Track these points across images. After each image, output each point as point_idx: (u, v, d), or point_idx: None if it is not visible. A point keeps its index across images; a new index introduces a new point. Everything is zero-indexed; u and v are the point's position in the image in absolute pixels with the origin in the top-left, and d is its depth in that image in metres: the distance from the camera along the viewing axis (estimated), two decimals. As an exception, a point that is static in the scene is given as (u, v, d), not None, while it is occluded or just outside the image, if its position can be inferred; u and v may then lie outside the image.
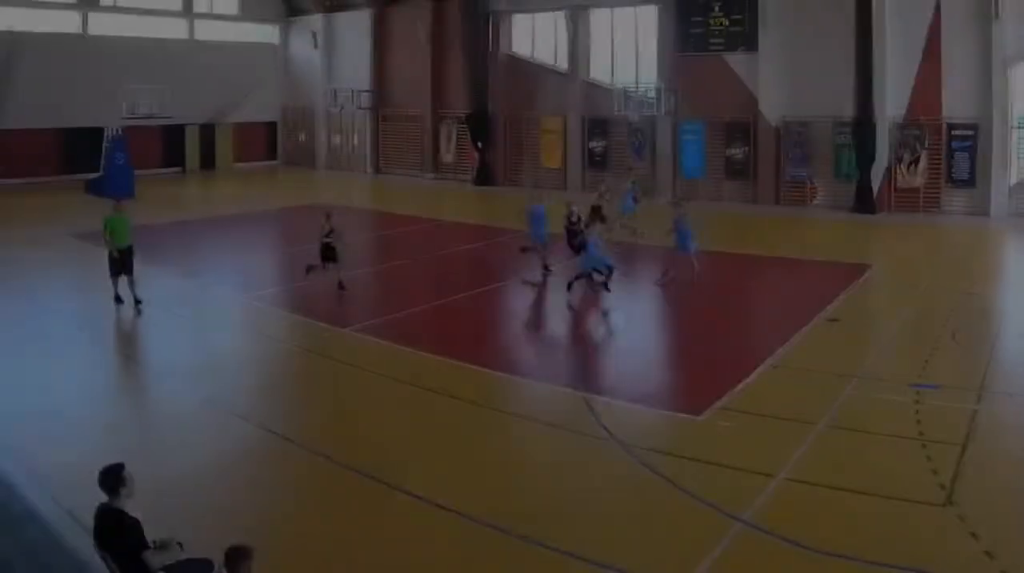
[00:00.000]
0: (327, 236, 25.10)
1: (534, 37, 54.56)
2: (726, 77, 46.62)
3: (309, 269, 25.31)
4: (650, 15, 49.34)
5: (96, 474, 9.26)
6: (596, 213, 29.62)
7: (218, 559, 8.32)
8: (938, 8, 40.89)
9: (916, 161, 41.79)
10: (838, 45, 42.38)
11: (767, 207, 44.62)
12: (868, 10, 41.47)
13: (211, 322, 23.30)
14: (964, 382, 16.87)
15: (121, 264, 23.52)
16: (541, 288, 26.41)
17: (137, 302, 23.42)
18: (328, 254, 25.10)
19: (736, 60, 46.42)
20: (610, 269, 24.28)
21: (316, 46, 63.59)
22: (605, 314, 23.25)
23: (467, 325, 22.92)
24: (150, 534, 8.99)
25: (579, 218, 28.09)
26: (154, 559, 8.78)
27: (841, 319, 21.78)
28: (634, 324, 23.08)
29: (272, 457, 14.21)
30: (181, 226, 37.43)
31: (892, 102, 42.04)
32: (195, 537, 9.70)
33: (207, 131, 62.02)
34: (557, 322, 23.47)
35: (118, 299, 23.51)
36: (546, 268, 27.69)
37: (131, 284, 23.57)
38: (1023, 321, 22.56)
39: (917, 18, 41.29)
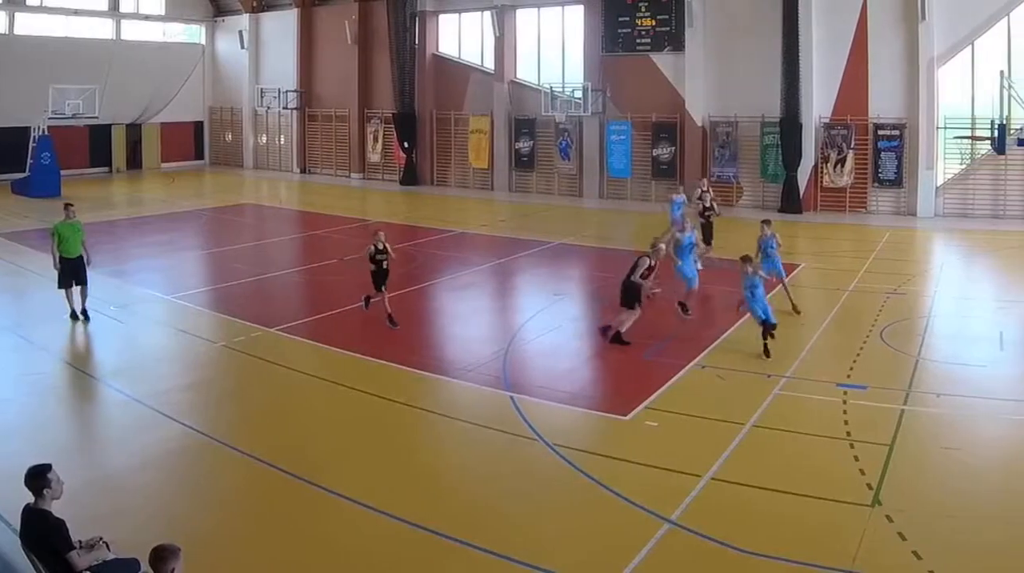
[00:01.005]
0: (379, 255, 20.54)
1: (460, 37, 52.27)
2: (653, 77, 44.49)
3: (367, 301, 21.12)
4: (576, 15, 46.98)
5: (23, 475, 8.95)
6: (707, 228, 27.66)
7: (145, 559, 7.80)
8: (864, 8, 39.01)
9: (843, 161, 39.75)
10: (765, 45, 40.39)
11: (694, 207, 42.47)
12: (795, 10, 39.53)
13: (138, 322, 21.87)
14: (892, 383, 16.33)
15: (73, 274, 21.00)
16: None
17: (85, 316, 21.03)
18: (380, 278, 20.66)
19: (663, 60, 44.27)
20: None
21: (243, 46, 60.52)
22: (533, 315, 22.05)
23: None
24: (78, 534, 8.72)
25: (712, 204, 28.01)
26: (80, 560, 8.52)
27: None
28: (563, 324, 21.62)
29: (199, 457, 13.60)
30: (108, 226, 35.24)
31: (819, 102, 40.09)
32: (122, 537, 9.50)
33: (134, 131, 59.53)
34: (485, 322, 22.14)
35: (74, 316, 21.04)
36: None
37: (83, 296, 21.19)
38: (950, 321, 21.70)
39: (844, 18, 39.41)
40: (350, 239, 33.25)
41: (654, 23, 44.40)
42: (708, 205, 27.61)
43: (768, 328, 18.10)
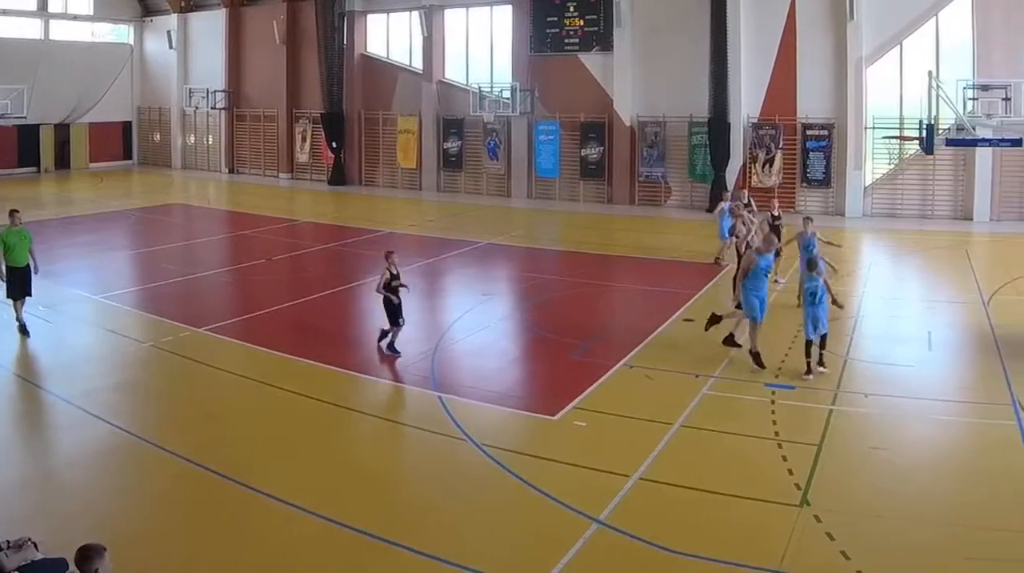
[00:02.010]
0: (394, 281, 17.48)
1: (389, 37, 49.48)
2: (581, 77, 42.02)
3: (383, 335, 17.76)
4: (505, 15, 44.37)
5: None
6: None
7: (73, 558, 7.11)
8: (793, 8, 36.97)
9: (771, 161, 37.61)
10: (693, 45, 38.32)
11: (622, 207, 40.61)
12: (723, 9, 37.45)
13: (66, 322, 20.68)
14: (820, 383, 15.70)
15: (21, 285, 19.08)
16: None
17: (23, 328, 18.98)
18: (399, 309, 17.48)
19: (591, 60, 41.83)
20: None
21: (171, 46, 56.97)
22: (462, 315, 20.92)
23: (323, 325, 20.87)
24: (5, 534, 8.01)
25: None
26: (7, 560, 7.79)
27: (696, 319, 19.54)
28: (491, 324, 20.61)
29: (127, 456, 13.00)
30: (37, 226, 32.15)
31: (747, 101, 38.00)
32: (51, 537, 8.69)
33: (62, 131, 55.86)
34: (414, 322, 20.08)
35: (23, 330, 18.95)
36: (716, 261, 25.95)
37: (22, 305, 19.23)
38: (878, 321, 20.70)
39: (772, 18, 37.40)
40: (278, 239, 32.12)
41: (582, 23, 41.97)
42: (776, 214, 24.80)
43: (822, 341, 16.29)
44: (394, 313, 17.39)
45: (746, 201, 25.97)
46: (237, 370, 16.94)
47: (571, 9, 42.16)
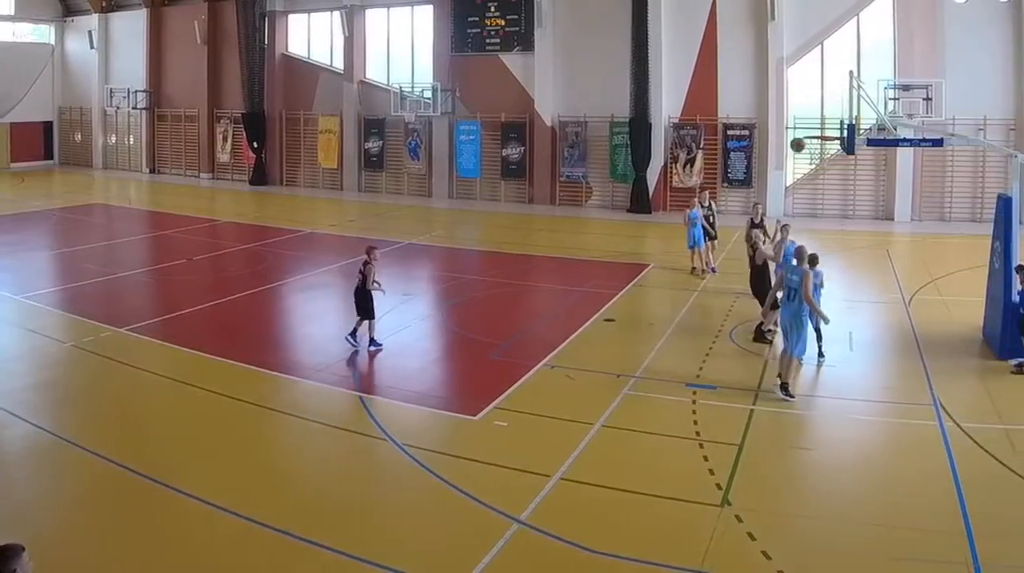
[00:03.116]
0: (370, 282, 16.75)
1: (310, 37, 45.69)
2: (502, 77, 38.81)
3: (354, 333, 16.93)
4: (426, 15, 40.94)
5: None
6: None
7: None
8: (714, 8, 34.27)
9: (692, 161, 34.82)
10: (615, 45, 35.50)
11: (543, 207, 37.60)
12: (644, 10, 34.64)
13: None
14: (741, 382, 14.85)
15: None
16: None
17: None
18: (367, 305, 16.71)
19: (512, 60, 38.63)
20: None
21: (92, 46, 52.33)
22: (383, 315, 18.54)
23: (244, 325, 19.38)
24: None
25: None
26: None
27: (617, 319, 19.15)
28: (412, 323, 19.29)
29: (47, 456, 12.13)
30: None
31: (668, 102, 35.19)
32: None
33: (-18, 131, 51.05)
34: (335, 322, 19.10)
35: None
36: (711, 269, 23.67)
37: None
38: None
39: (693, 18, 34.71)
40: (199, 239, 29.99)
41: (504, 23, 38.74)
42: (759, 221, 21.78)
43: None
44: (362, 308, 16.75)
45: (707, 204, 24.35)
46: (158, 370, 15.80)
47: (492, 9, 38.96)
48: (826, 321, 14.78)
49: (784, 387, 13.95)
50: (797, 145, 27.19)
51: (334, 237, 30.77)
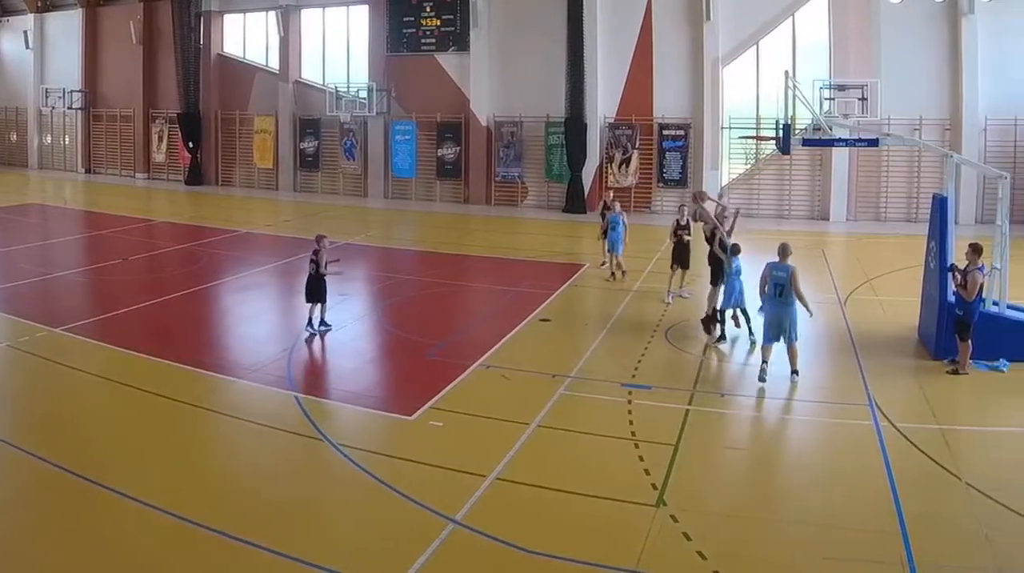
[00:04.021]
0: (323, 267, 16.33)
1: (245, 37, 42.32)
2: (438, 77, 35.97)
3: (310, 321, 16.55)
4: (362, 15, 37.94)
5: None
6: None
7: None
8: (649, 9, 31.85)
9: (627, 161, 32.39)
10: (550, 45, 32.92)
11: (479, 207, 34.91)
12: (580, 10, 32.11)
13: None
14: (676, 382, 13.86)
15: None
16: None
17: None
18: (320, 290, 16.38)
19: (448, 60, 35.84)
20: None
21: (28, 46, 48.34)
22: (320, 314, 17.37)
23: (180, 325, 18.10)
24: None
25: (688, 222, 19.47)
26: None
27: (553, 319, 17.96)
28: (347, 323, 17.81)
29: None
30: None
31: (603, 102, 32.69)
32: None
33: (-84, 131, 46.45)
34: (270, 322, 18.57)
35: None
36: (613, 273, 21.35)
37: None
38: (727, 323, 17.08)
39: (629, 19, 32.24)
40: (135, 239, 27.80)
41: (439, 23, 35.97)
42: (684, 223, 19.44)
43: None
44: (322, 291, 16.24)
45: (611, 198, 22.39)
46: (94, 370, 14.74)
47: (428, 9, 36.15)
48: (810, 314, 14.06)
49: (796, 372, 13.62)
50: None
51: (269, 237, 28.52)
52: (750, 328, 15.86)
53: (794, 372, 13.60)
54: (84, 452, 11.29)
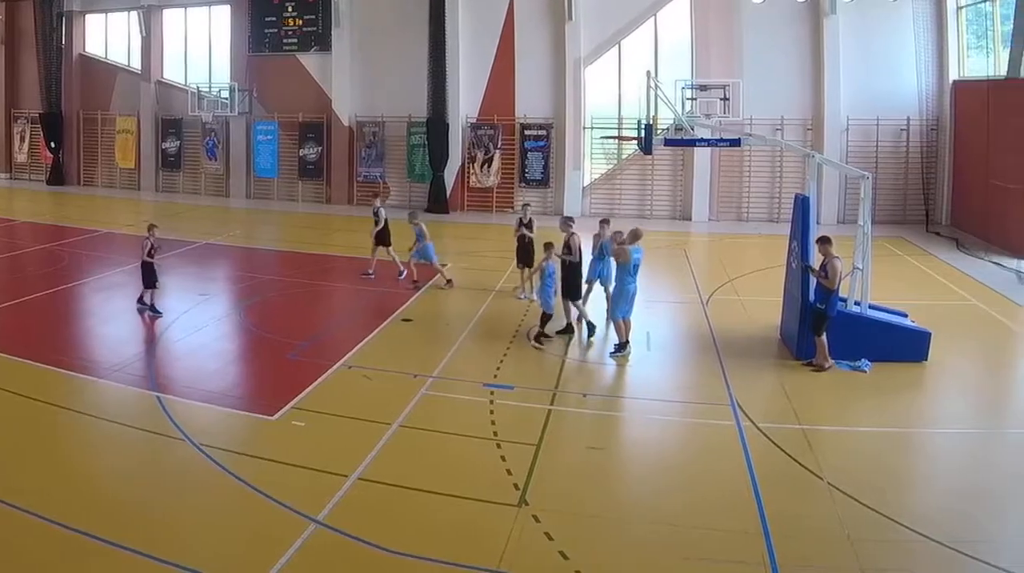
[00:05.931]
0: (154, 251, 15.04)
1: (108, 37, 35.50)
2: (300, 77, 30.23)
3: (140, 299, 15.44)
4: (223, 15, 31.79)
5: None
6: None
7: None
8: (511, 8, 26.93)
9: (489, 161, 27.36)
10: (413, 45, 27.68)
11: (341, 207, 29.37)
12: (442, 9, 26.91)
13: None
14: (539, 383, 11.87)
15: None
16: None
17: None
18: (154, 273, 15.12)
19: (310, 60, 30.13)
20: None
21: None
22: (179, 316, 15.71)
23: (41, 325, 15.03)
24: None
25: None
26: None
27: (415, 319, 15.43)
28: (208, 324, 15.30)
29: None
30: None
31: (465, 102, 27.55)
32: None
33: None
34: (131, 322, 15.57)
35: None
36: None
37: None
38: (597, 322, 14.97)
39: (491, 18, 27.24)
40: None
41: (301, 23, 30.24)
42: (527, 221, 17.18)
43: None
44: (152, 276, 15.05)
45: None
46: None
47: (290, 9, 30.34)
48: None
49: (622, 345, 12.83)
50: None
51: (131, 237, 23.95)
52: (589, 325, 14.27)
53: (619, 346, 12.83)
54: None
